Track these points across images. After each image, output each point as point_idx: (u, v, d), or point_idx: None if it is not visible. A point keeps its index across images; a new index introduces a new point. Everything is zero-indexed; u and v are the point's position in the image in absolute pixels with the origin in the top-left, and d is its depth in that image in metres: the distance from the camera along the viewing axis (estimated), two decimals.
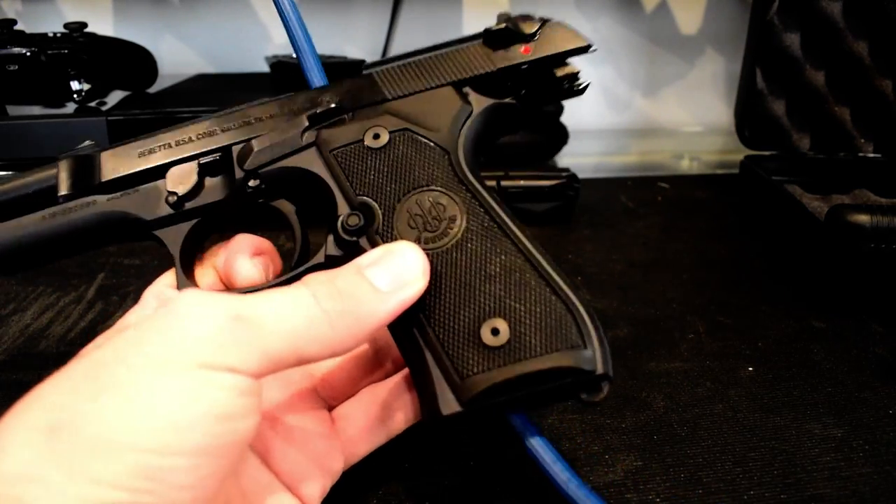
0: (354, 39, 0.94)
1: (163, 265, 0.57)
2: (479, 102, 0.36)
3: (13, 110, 0.63)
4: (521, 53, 0.37)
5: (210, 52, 0.93)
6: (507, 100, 0.37)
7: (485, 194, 0.33)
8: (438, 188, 0.33)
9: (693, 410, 0.39)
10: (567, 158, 0.84)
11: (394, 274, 0.29)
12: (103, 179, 0.35)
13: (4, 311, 0.50)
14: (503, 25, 0.37)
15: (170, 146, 0.36)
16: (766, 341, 0.46)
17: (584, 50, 0.37)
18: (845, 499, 0.33)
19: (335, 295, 0.27)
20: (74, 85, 0.64)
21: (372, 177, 0.34)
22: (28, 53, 0.62)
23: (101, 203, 0.35)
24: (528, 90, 0.37)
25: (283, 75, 0.75)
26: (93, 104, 0.65)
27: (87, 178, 0.35)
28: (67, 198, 0.35)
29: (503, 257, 0.31)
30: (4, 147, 0.60)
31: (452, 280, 0.31)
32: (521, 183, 0.66)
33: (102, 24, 0.90)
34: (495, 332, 0.29)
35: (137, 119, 0.61)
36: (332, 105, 0.35)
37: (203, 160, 0.35)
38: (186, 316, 0.25)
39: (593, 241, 0.63)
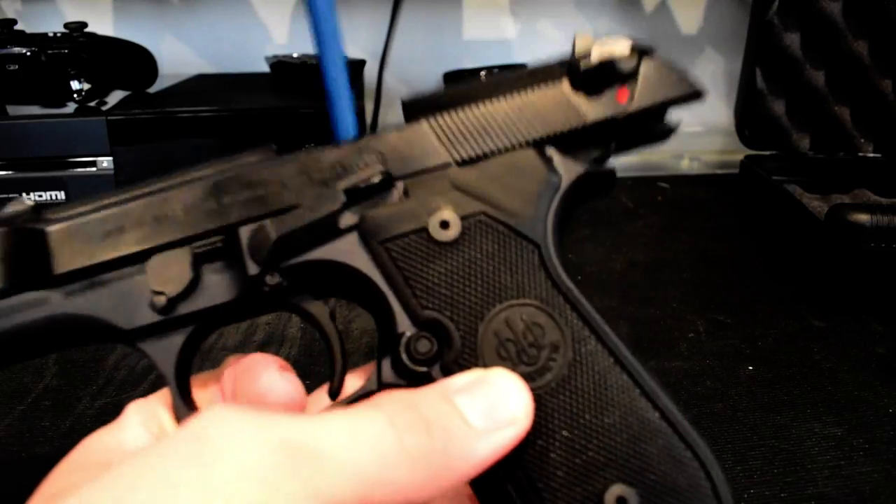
0: (354, 39, 0.94)
1: None
2: (567, 170, 0.27)
3: (13, 110, 0.63)
4: (617, 101, 0.28)
5: (210, 52, 0.93)
6: (604, 166, 0.28)
7: (585, 304, 0.26)
8: (532, 301, 0.26)
9: (693, 409, 0.39)
10: None
11: (491, 408, 0.22)
12: (57, 271, 0.26)
13: None
14: (596, 63, 0.28)
15: (149, 224, 0.26)
16: (766, 341, 0.46)
17: (694, 96, 0.29)
18: (845, 497, 0.33)
19: (420, 427, 0.21)
20: (74, 85, 0.64)
21: (443, 285, 0.26)
22: (28, 53, 0.62)
23: (57, 301, 0.26)
24: (618, 143, 0.29)
25: (284, 76, 0.75)
26: (93, 104, 0.65)
27: (32, 265, 0.26)
28: (3, 293, 0.26)
29: (620, 398, 0.25)
30: (4, 147, 0.60)
31: (559, 430, 0.24)
32: None
33: (102, 24, 0.90)
34: (622, 502, 0.23)
35: (137, 119, 0.62)
36: (379, 176, 0.26)
37: (199, 247, 0.26)
38: (219, 444, 0.19)
39: (593, 241, 0.63)
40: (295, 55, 0.79)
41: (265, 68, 0.81)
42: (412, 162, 0.27)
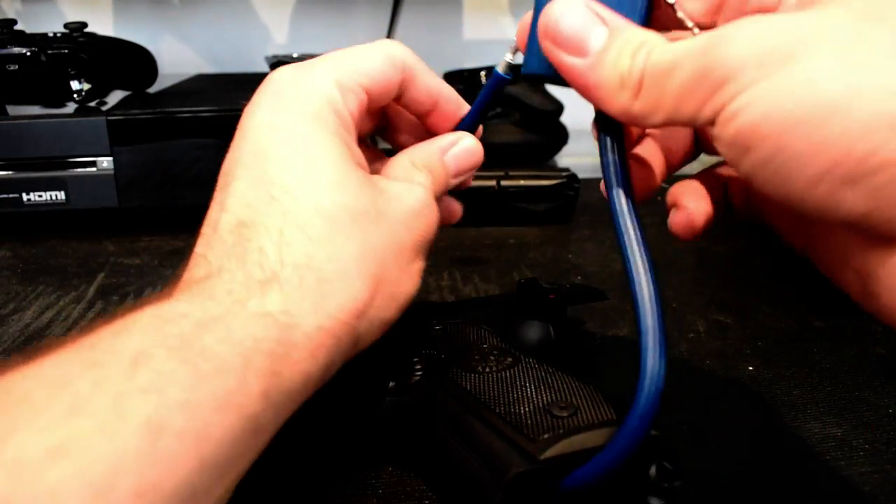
0: (354, 39, 0.94)
1: (163, 264, 0.58)
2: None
3: (13, 110, 0.63)
4: None
5: (210, 52, 0.93)
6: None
7: None
8: None
9: (693, 409, 0.39)
10: (567, 158, 0.84)
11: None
12: None
13: (4, 311, 0.50)
14: None
15: None
16: (766, 341, 0.46)
17: None
18: (845, 497, 0.33)
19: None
20: (74, 85, 0.64)
21: None
22: (28, 53, 0.62)
23: None
24: None
25: None
26: (93, 104, 0.65)
27: None
28: None
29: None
30: (4, 147, 0.60)
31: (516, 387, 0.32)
32: (521, 183, 0.66)
33: (102, 24, 0.90)
34: (563, 408, 0.29)
35: (137, 119, 0.62)
36: None
37: None
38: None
39: (593, 241, 0.63)
40: (295, 55, 0.79)
41: (265, 68, 0.81)
42: None
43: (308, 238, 0.25)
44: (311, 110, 0.28)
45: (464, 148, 0.34)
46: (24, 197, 0.61)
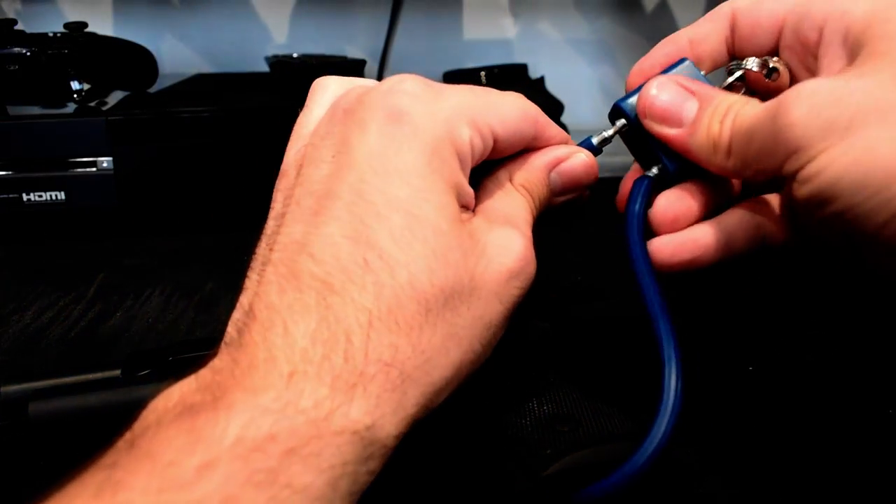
0: (354, 39, 0.94)
1: (163, 265, 0.58)
2: None
3: (13, 110, 0.63)
4: None
5: (210, 52, 0.93)
6: None
7: None
8: None
9: (692, 410, 0.39)
10: None
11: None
12: None
13: (4, 311, 0.50)
14: None
15: None
16: (766, 341, 0.46)
17: None
18: (846, 498, 0.33)
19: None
20: (74, 85, 0.64)
21: None
22: (28, 53, 0.62)
23: None
24: None
25: (284, 76, 0.75)
26: (93, 104, 0.65)
27: None
28: None
29: None
30: (4, 147, 0.60)
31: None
32: None
33: (102, 24, 0.90)
34: (566, 421, 0.30)
35: (137, 119, 0.62)
36: None
37: None
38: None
39: (594, 241, 0.63)
40: (295, 55, 0.79)
41: (265, 68, 0.81)
42: None
43: (396, 324, 0.23)
44: (432, 147, 0.25)
45: (573, 165, 0.33)
46: (24, 197, 0.61)
